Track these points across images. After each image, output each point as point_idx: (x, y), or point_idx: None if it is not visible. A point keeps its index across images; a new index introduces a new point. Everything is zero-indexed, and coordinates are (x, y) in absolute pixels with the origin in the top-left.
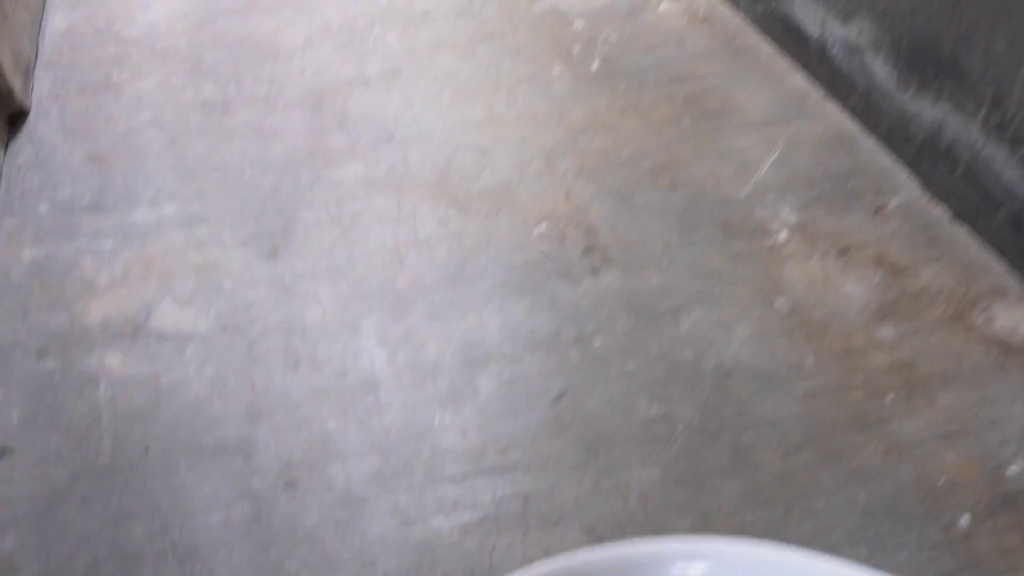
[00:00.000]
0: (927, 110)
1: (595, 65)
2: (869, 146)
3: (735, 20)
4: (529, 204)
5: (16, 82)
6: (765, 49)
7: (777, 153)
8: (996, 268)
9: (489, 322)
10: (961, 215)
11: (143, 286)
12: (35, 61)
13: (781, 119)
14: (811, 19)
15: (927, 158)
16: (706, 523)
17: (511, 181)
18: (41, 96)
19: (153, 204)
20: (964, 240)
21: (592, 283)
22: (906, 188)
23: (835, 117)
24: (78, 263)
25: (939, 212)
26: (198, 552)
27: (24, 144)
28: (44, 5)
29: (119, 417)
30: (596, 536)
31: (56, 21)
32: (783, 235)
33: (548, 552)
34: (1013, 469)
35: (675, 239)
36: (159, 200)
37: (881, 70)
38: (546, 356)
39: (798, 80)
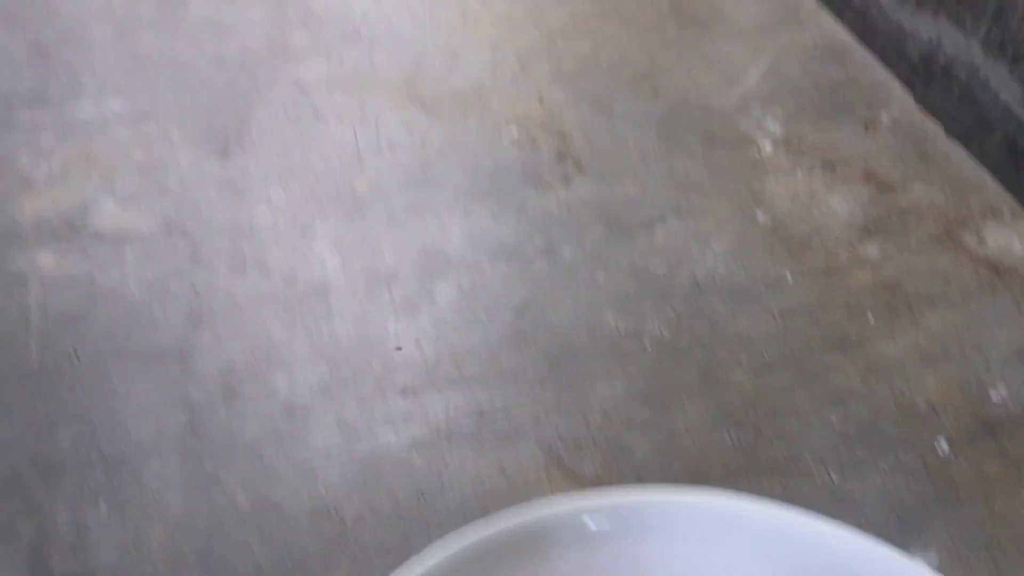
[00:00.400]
0: (925, 26)
1: None
2: (863, 58)
3: None
4: (500, 108)
5: None
6: None
7: (765, 62)
8: (990, 187)
9: (451, 229)
10: (955, 134)
11: (83, 183)
12: None
13: (771, 27)
14: None
15: (922, 76)
16: (671, 443)
17: (482, 84)
18: None
19: (98, 98)
20: (957, 158)
21: (563, 191)
22: (899, 102)
23: (828, 27)
24: (14, 158)
25: (933, 128)
26: (128, 462)
27: None
28: None
29: (49, 320)
30: (554, 455)
31: None
32: (767, 147)
33: (502, 471)
34: (996, 394)
35: (653, 148)
36: (104, 94)
37: None
38: (510, 266)
39: None
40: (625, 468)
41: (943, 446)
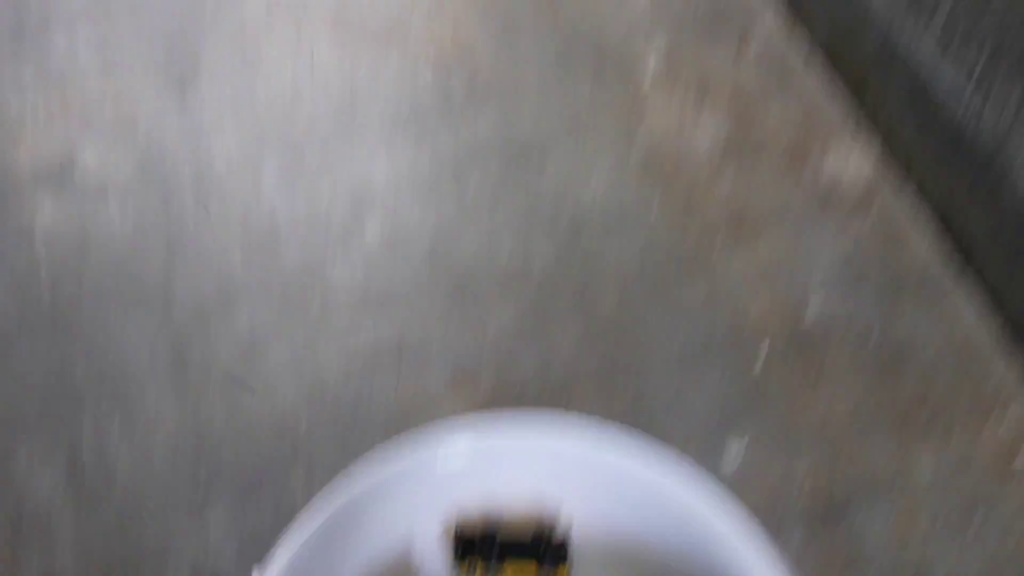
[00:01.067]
0: None
1: None
2: None
3: None
4: (419, 41)
5: None
6: None
7: None
8: (838, 107)
9: (376, 166)
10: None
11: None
12: None
13: None
14: None
15: None
16: (550, 359)
17: (403, 17)
18: None
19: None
20: (814, 79)
21: (471, 129)
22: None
23: None
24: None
25: (797, 48)
26: (129, 393)
27: None
28: None
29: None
30: (456, 375)
31: None
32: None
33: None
34: (810, 312)
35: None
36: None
37: None
38: (425, 203)
39: None
40: (514, 382)
41: (760, 361)
